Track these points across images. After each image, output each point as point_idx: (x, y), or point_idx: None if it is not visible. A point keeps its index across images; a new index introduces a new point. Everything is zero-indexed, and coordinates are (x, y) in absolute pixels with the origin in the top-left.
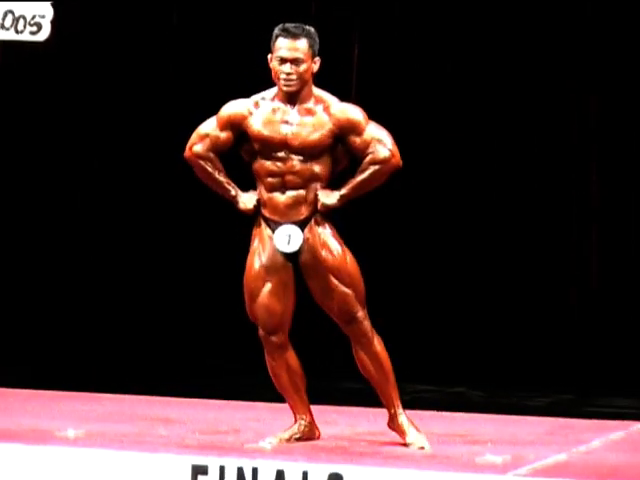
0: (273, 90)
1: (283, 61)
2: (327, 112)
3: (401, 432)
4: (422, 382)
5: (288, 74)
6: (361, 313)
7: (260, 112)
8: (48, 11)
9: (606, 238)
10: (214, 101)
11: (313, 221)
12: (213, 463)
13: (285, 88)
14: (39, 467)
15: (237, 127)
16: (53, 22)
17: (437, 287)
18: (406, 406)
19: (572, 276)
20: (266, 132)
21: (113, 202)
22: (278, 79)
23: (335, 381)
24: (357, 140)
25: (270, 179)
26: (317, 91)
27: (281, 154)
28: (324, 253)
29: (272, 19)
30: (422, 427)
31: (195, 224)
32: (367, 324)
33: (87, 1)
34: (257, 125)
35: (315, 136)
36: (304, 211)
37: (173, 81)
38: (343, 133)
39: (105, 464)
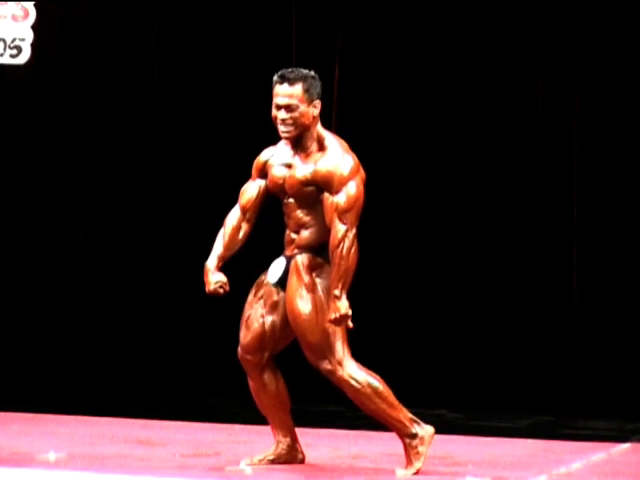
0: None
1: (278, 107)
2: (315, 161)
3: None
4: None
5: (283, 120)
6: (328, 367)
7: (275, 157)
8: (28, 34)
9: (587, 254)
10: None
11: (297, 263)
12: None
13: (282, 134)
14: None
15: (262, 170)
16: (33, 45)
17: (417, 309)
18: (385, 429)
19: (551, 298)
20: (271, 174)
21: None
22: (276, 125)
23: (318, 404)
24: (327, 197)
25: (285, 217)
26: (324, 134)
27: (283, 196)
28: (295, 301)
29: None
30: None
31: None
32: (340, 374)
33: (66, 23)
34: (270, 167)
35: (300, 181)
36: (289, 251)
37: (156, 95)
38: (319, 185)
39: None
